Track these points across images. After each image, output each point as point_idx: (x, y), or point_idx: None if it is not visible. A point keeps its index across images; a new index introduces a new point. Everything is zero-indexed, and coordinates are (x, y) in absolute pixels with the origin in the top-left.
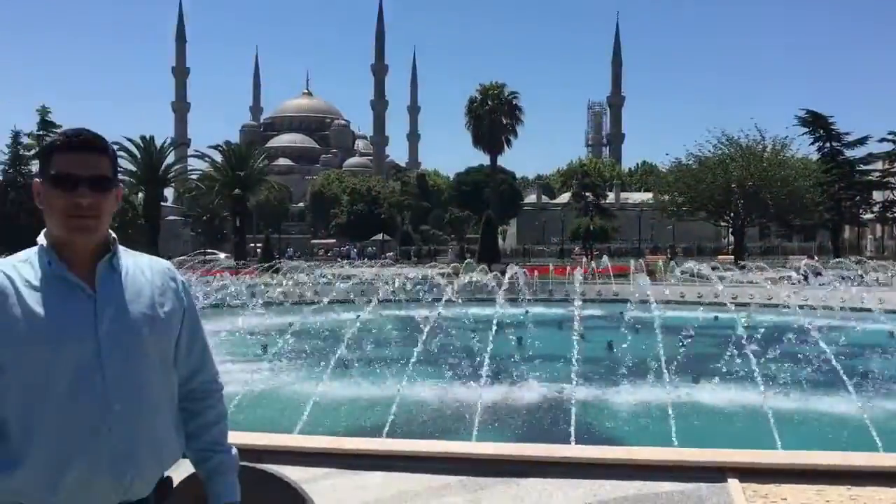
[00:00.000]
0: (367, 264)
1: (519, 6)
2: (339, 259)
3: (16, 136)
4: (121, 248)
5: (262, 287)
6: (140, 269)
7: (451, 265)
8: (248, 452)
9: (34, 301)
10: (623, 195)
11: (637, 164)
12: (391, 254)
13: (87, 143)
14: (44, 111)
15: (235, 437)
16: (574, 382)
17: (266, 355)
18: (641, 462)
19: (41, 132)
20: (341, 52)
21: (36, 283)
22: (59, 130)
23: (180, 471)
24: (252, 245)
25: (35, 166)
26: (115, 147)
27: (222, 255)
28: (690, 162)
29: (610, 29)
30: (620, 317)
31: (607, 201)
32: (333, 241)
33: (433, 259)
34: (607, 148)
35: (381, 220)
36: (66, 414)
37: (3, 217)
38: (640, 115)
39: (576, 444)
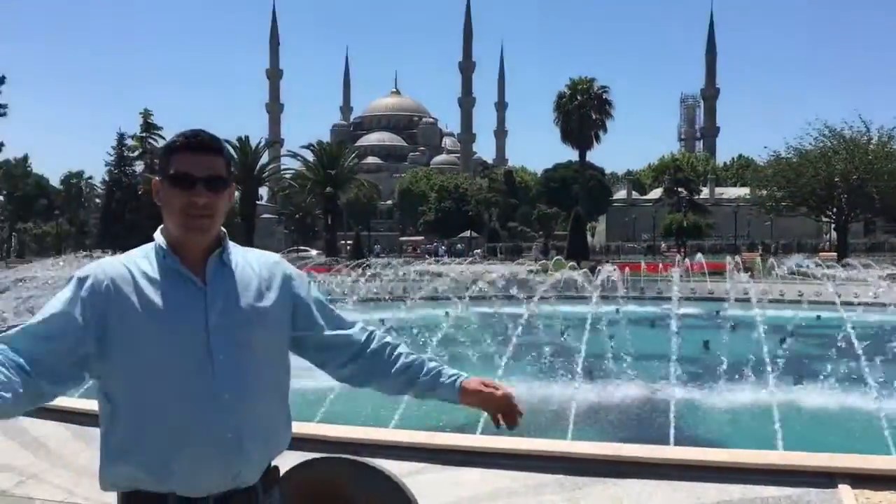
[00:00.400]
0: (456, 261)
1: None
2: (426, 256)
3: (121, 138)
4: (231, 243)
5: (355, 283)
6: (249, 263)
7: (539, 262)
8: (344, 445)
9: (150, 292)
10: (718, 190)
11: (732, 159)
12: (479, 251)
13: (203, 144)
14: (146, 114)
15: (333, 431)
16: (670, 382)
17: None
18: (745, 465)
19: (144, 134)
20: (429, 51)
21: (152, 275)
22: (160, 132)
23: (286, 461)
24: (343, 242)
25: (139, 167)
26: None
27: (314, 252)
28: (790, 155)
29: (704, 19)
30: (717, 315)
31: (701, 197)
32: (421, 238)
33: (519, 256)
34: (701, 142)
35: (469, 217)
36: (176, 403)
37: (109, 214)
38: (736, 108)
39: (674, 445)
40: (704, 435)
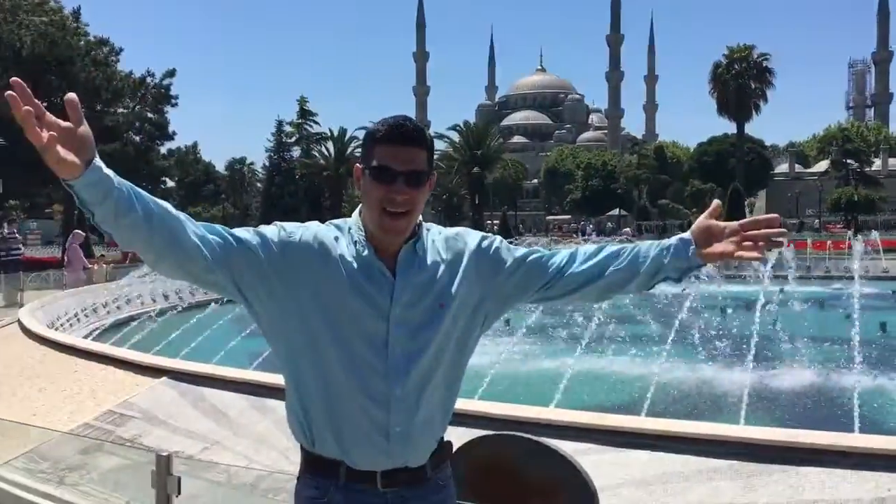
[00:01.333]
0: (605, 240)
1: None
2: (573, 235)
3: (279, 124)
4: (425, 228)
5: None
6: (438, 249)
7: None
8: (507, 423)
9: (340, 273)
10: (892, 161)
11: None
12: (627, 229)
13: (407, 135)
14: (302, 101)
15: (496, 409)
16: (848, 366)
17: (510, 329)
18: None
19: (300, 120)
20: (574, 26)
21: (347, 256)
22: (315, 118)
23: (453, 435)
24: (489, 222)
25: (296, 152)
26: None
27: None
28: None
29: None
30: (893, 296)
31: (872, 169)
32: (568, 216)
33: (671, 234)
34: (871, 110)
35: (617, 195)
36: (346, 391)
37: (269, 198)
38: None
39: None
40: (888, 422)
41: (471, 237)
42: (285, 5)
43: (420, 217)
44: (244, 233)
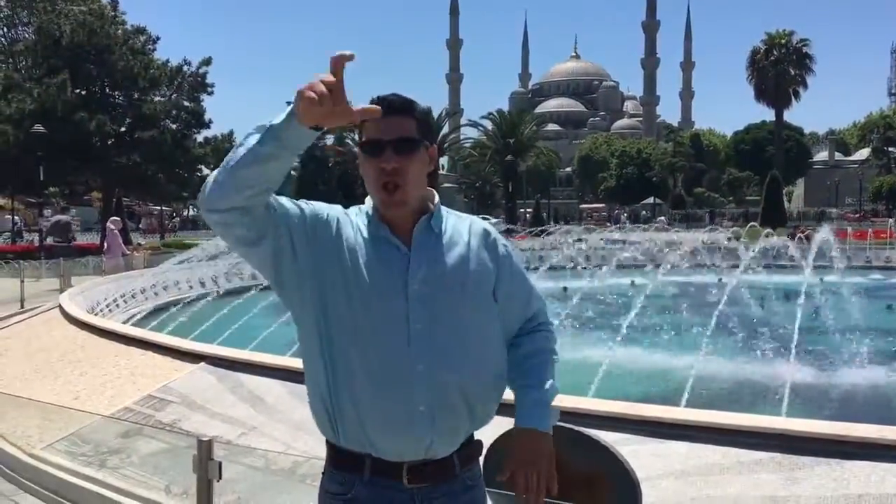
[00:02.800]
0: (641, 228)
1: None
2: (607, 223)
3: None
4: (443, 208)
5: (544, 251)
6: (459, 231)
7: (731, 229)
8: None
9: (360, 251)
10: None
11: None
12: (663, 218)
13: (390, 105)
14: None
15: None
16: (889, 358)
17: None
18: None
19: None
20: (610, 12)
21: (364, 234)
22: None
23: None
24: (522, 210)
25: (329, 140)
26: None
27: (494, 220)
28: None
29: None
30: None
31: None
32: (602, 205)
33: (710, 223)
34: None
35: (652, 184)
36: (370, 369)
37: (303, 185)
38: None
39: None
40: None
41: (496, 233)
42: None
43: (435, 194)
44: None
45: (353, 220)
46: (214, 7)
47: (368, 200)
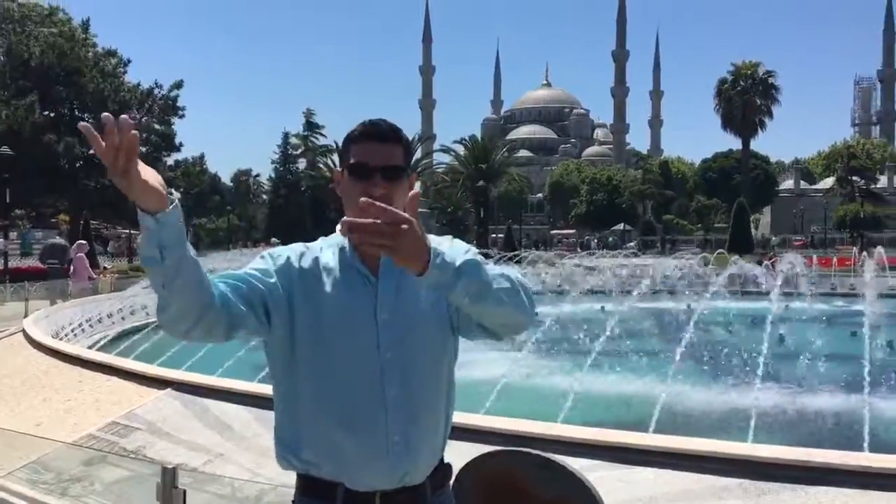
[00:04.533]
0: (610, 255)
1: None
2: (577, 249)
3: (285, 136)
4: None
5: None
6: None
7: (700, 256)
8: (514, 438)
9: (327, 283)
10: None
11: None
12: (632, 244)
13: (381, 133)
14: (308, 113)
15: (503, 424)
16: (854, 384)
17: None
18: None
19: (306, 133)
20: (581, 41)
21: (332, 266)
22: (321, 131)
23: (458, 450)
24: (493, 235)
25: (301, 164)
26: None
27: None
28: None
29: None
30: None
31: (878, 186)
32: (573, 231)
33: (676, 249)
34: (877, 127)
35: (622, 210)
36: (344, 399)
37: (274, 209)
38: None
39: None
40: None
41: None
42: (293, 19)
43: None
44: (252, 270)
45: (322, 249)
46: (188, 30)
47: (340, 225)
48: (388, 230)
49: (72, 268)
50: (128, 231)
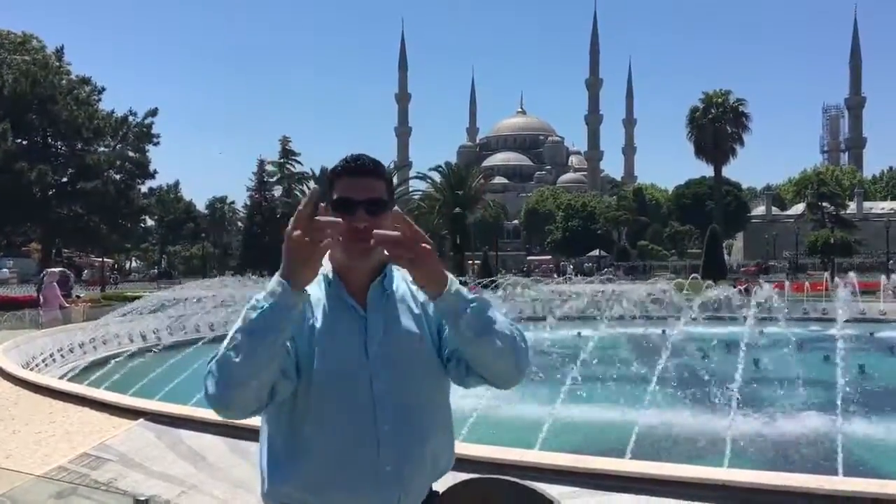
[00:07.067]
0: (586, 280)
1: (742, 6)
2: (554, 275)
3: (261, 164)
4: (395, 267)
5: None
6: (409, 287)
7: (674, 282)
8: (493, 466)
9: (317, 317)
10: (866, 205)
11: (882, 171)
12: (608, 269)
13: (363, 168)
14: (285, 140)
15: (482, 451)
16: (827, 408)
17: None
18: None
19: (282, 160)
20: (555, 69)
21: (321, 300)
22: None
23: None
24: (470, 262)
25: (277, 191)
26: None
27: None
28: None
29: (846, 23)
30: (871, 338)
31: (847, 212)
32: (549, 257)
33: (650, 275)
34: (846, 154)
35: (597, 236)
36: (335, 432)
37: (250, 237)
38: (884, 118)
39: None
40: (869, 465)
41: None
42: (268, 47)
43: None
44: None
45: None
46: (163, 58)
47: (326, 261)
48: (410, 244)
49: (41, 297)
50: (101, 259)
